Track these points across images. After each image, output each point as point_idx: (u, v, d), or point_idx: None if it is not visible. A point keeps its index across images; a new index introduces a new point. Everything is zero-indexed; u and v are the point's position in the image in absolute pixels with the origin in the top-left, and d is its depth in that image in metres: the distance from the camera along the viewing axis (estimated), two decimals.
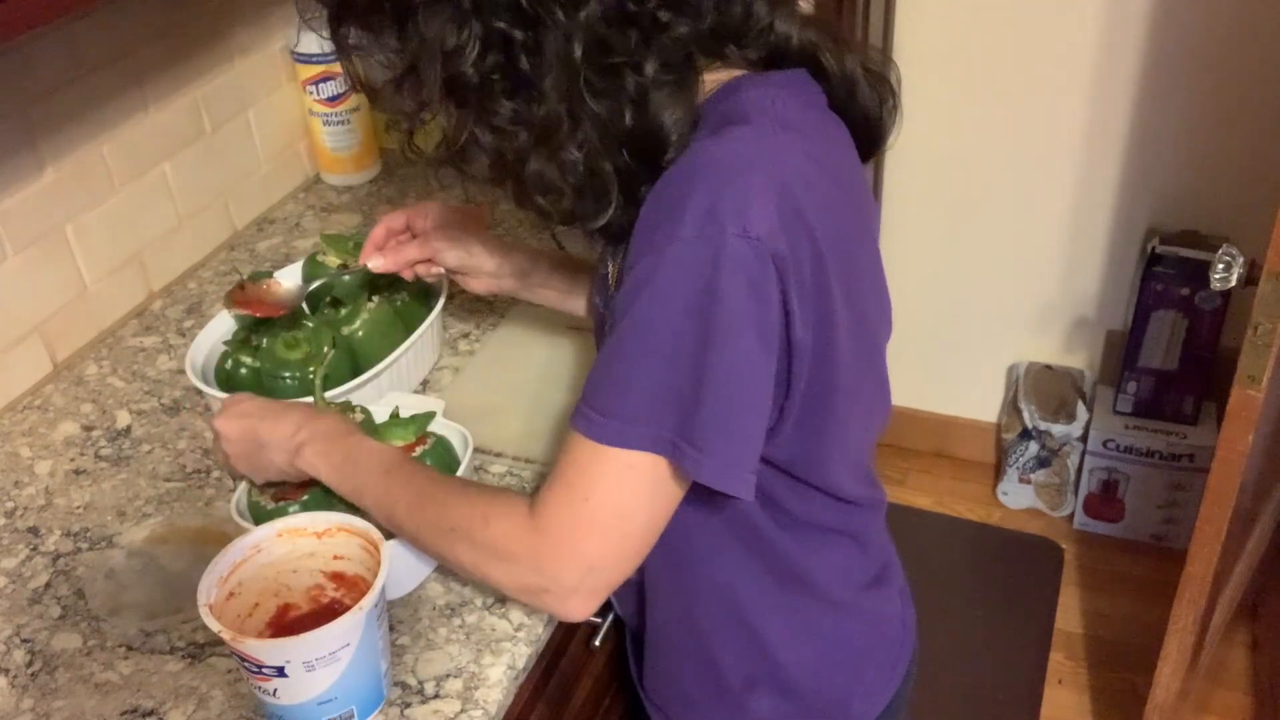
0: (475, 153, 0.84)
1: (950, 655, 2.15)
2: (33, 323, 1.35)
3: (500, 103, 0.80)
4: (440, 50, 0.79)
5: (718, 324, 0.77)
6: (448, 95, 0.81)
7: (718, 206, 0.77)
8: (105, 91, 1.38)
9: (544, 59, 0.78)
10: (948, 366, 2.52)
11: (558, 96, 0.79)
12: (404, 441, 1.09)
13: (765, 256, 0.77)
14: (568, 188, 0.83)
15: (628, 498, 0.81)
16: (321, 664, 0.87)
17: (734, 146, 0.81)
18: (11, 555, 1.13)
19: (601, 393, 0.81)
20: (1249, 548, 1.87)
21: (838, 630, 1.04)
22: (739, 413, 0.79)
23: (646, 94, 0.80)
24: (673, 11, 0.80)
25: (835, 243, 0.83)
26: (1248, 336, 1.32)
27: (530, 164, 0.82)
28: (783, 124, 0.83)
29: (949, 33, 2.14)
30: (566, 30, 0.77)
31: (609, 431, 0.79)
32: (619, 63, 0.79)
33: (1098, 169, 2.18)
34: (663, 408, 0.78)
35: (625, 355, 0.80)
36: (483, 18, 0.78)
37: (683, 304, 0.77)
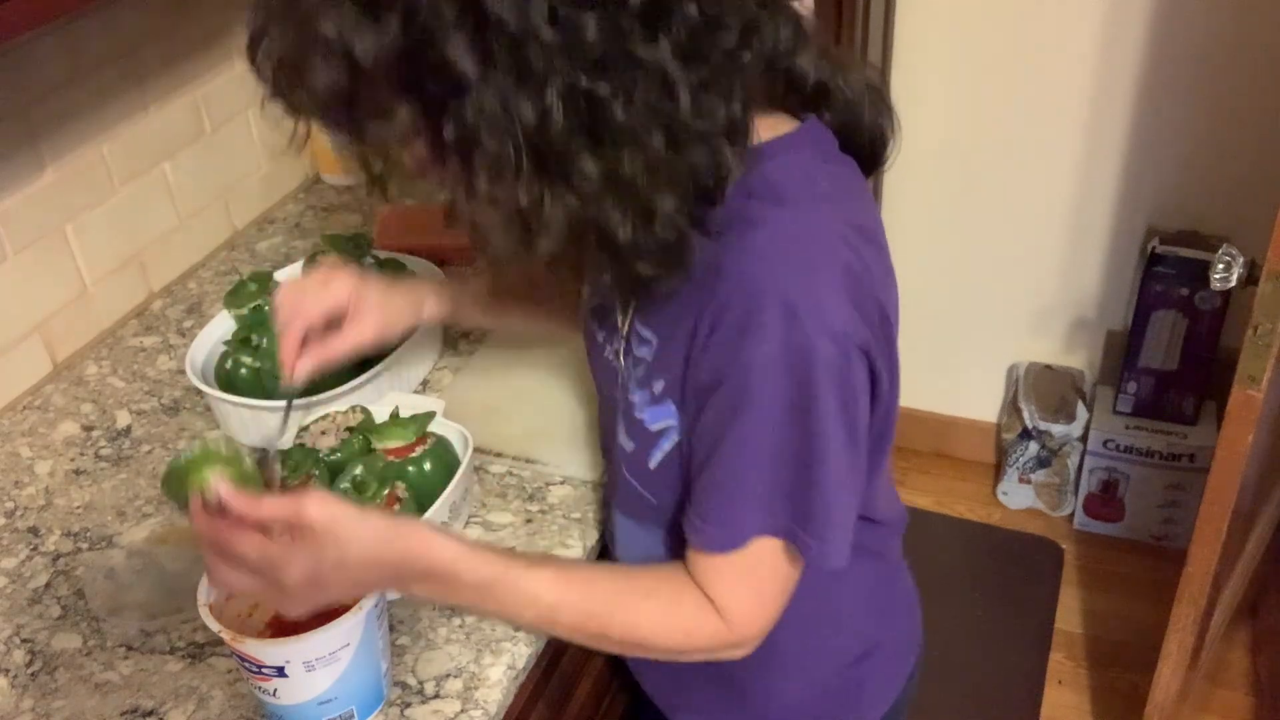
0: (555, 227, 0.74)
1: (950, 655, 2.15)
2: (33, 323, 1.35)
3: (587, 163, 0.71)
4: (514, 123, 0.69)
5: (817, 426, 0.79)
6: (523, 169, 0.71)
7: (795, 312, 0.77)
8: (105, 91, 1.38)
9: (636, 106, 0.71)
10: (948, 366, 2.52)
11: (653, 144, 0.72)
12: (404, 441, 1.09)
13: (850, 350, 0.79)
14: (655, 246, 0.76)
15: (785, 571, 0.87)
16: (322, 664, 0.87)
17: (788, 243, 0.80)
18: (11, 555, 1.13)
19: (718, 506, 0.84)
20: (1249, 548, 1.87)
21: (850, 639, 1.05)
22: (842, 501, 0.84)
23: (736, 130, 0.75)
24: (743, 39, 0.76)
25: (887, 297, 0.85)
26: (1248, 336, 1.32)
27: (617, 226, 0.74)
28: (819, 196, 0.83)
29: (949, 33, 2.13)
30: (659, 72, 0.71)
31: (731, 538, 0.84)
32: (715, 100, 0.74)
33: (1098, 169, 2.18)
34: (775, 504, 0.83)
35: (736, 472, 0.83)
36: (559, 78, 0.69)
37: (781, 414, 0.79)
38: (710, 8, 0.72)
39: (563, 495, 1.16)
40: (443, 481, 1.07)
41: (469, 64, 0.68)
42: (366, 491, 1.03)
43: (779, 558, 0.85)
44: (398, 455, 1.09)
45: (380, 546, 0.82)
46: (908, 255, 2.38)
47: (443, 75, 0.68)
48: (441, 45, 0.67)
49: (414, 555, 0.83)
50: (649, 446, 0.90)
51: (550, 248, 0.75)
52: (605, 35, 0.69)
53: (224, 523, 0.80)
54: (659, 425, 0.89)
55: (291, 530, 0.79)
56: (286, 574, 0.78)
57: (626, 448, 0.93)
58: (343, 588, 0.83)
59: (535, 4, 0.67)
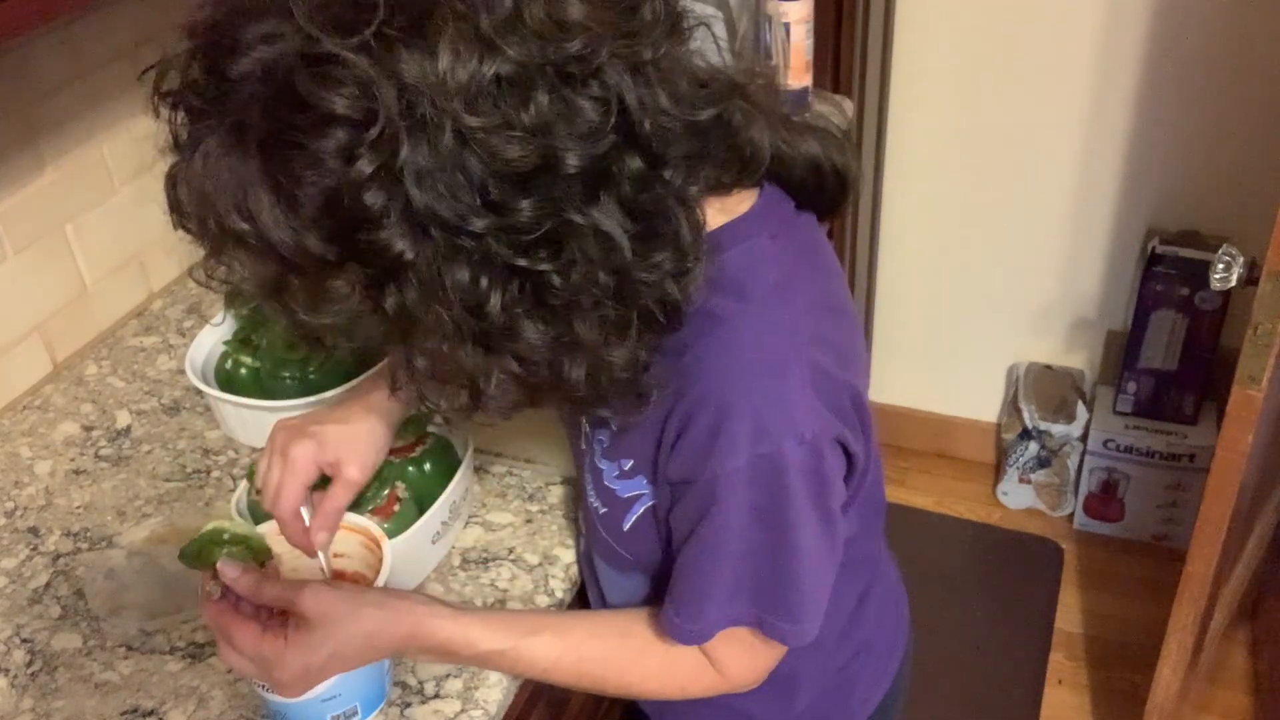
0: (504, 388, 0.73)
1: (950, 655, 2.15)
2: (33, 323, 1.35)
3: (532, 332, 0.69)
4: (453, 299, 0.66)
5: (787, 525, 0.81)
6: (464, 341, 0.69)
7: (763, 422, 0.77)
8: (105, 91, 1.38)
9: (577, 274, 0.68)
10: (948, 366, 2.52)
11: (603, 305, 0.70)
12: (404, 441, 1.09)
13: (821, 446, 0.79)
14: (610, 387, 0.75)
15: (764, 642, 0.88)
16: None
17: (751, 350, 0.79)
18: (11, 555, 1.13)
19: (687, 601, 0.85)
20: (1249, 548, 1.87)
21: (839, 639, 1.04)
22: (815, 582, 0.85)
23: (688, 265, 0.72)
24: (689, 169, 0.72)
25: (852, 365, 0.85)
26: (1248, 336, 1.32)
27: (572, 379, 0.73)
28: (779, 284, 0.82)
29: (949, 32, 2.13)
30: (601, 232, 0.67)
31: (698, 633, 0.86)
32: (659, 247, 0.71)
33: (1098, 169, 2.18)
34: (740, 598, 0.84)
35: (700, 570, 0.84)
36: (498, 259, 0.66)
37: (748, 519, 0.80)
38: (656, 147, 0.69)
39: (563, 495, 1.16)
40: (443, 481, 1.07)
41: (404, 245, 0.65)
42: (366, 491, 1.03)
43: (755, 636, 0.87)
44: (398, 455, 1.09)
45: (374, 638, 0.84)
46: (908, 255, 2.39)
47: (377, 255, 0.65)
48: (371, 230, 0.64)
49: (407, 637, 0.85)
50: (622, 512, 0.91)
51: (501, 409, 0.75)
52: (541, 211, 0.66)
53: (228, 614, 0.83)
54: (631, 494, 0.89)
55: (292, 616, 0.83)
56: (281, 670, 0.82)
57: (599, 509, 0.93)
58: (338, 671, 0.86)
59: (463, 193, 0.64)
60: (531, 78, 0.64)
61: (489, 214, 0.65)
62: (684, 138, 0.71)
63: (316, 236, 0.65)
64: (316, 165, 0.63)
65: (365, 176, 0.62)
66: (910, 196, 2.33)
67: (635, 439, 0.85)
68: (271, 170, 0.64)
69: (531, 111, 0.64)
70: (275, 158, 0.64)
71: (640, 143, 0.69)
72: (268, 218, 0.65)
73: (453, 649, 0.86)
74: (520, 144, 0.64)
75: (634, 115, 0.68)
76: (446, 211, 0.64)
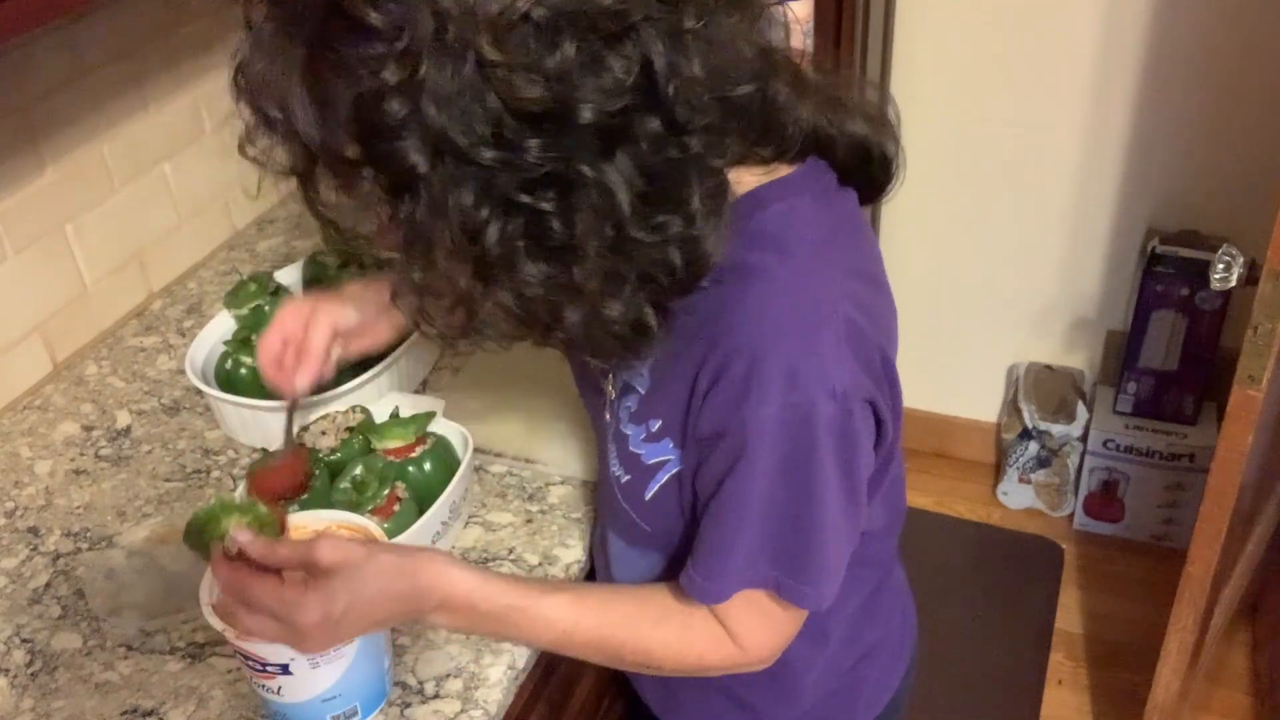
0: (498, 319, 0.74)
1: (950, 655, 2.15)
2: (33, 323, 1.35)
3: (528, 269, 0.71)
4: (456, 223, 0.69)
5: (813, 483, 0.80)
6: (464, 264, 0.71)
7: (796, 373, 0.77)
8: (105, 91, 1.38)
9: (578, 223, 0.69)
10: (948, 366, 2.52)
11: (599, 255, 0.71)
12: (404, 441, 1.09)
13: (852, 405, 0.79)
14: (611, 340, 0.76)
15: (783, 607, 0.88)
16: (326, 660, 0.87)
17: (788, 300, 0.79)
18: (11, 555, 1.13)
19: (708, 561, 0.85)
20: (1249, 548, 1.87)
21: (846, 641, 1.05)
22: (836, 548, 0.85)
23: (693, 236, 0.74)
24: (711, 139, 0.73)
25: (886, 335, 0.85)
26: (1248, 336, 1.32)
27: (565, 320, 0.74)
28: (819, 242, 0.83)
29: (949, 33, 2.13)
30: (604, 186, 0.69)
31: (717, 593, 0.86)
32: (666, 215, 0.72)
33: (1098, 169, 2.18)
34: (761, 559, 0.84)
35: (725, 526, 0.84)
36: (502, 191, 0.68)
37: (777, 473, 0.80)
38: (680, 114, 0.70)
39: (563, 495, 1.16)
40: (443, 481, 1.07)
41: (419, 159, 0.67)
42: (366, 491, 1.03)
43: (773, 600, 0.87)
44: (398, 455, 1.09)
45: (393, 583, 0.83)
46: (908, 255, 2.39)
47: (394, 165, 0.68)
48: (391, 139, 0.67)
49: (427, 588, 0.84)
50: (645, 479, 0.90)
51: (495, 337, 0.76)
52: (548, 155, 0.67)
53: (243, 570, 0.82)
54: (656, 460, 0.89)
55: (307, 574, 0.82)
56: (301, 618, 0.79)
57: (621, 478, 0.93)
58: (359, 625, 0.84)
59: (478, 122, 0.66)
60: (562, 25, 0.65)
61: (498, 148, 0.67)
62: (712, 109, 0.72)
63: (340, 137, 0.69)
64: (347, 72, 0.66)
65: (388, 87, 0.65)
66: (910, 196, 2.31)
67: (666, 396, 0.86)
68: (310, 69, 0.68)
69: (556, 57, 0.65)
70: (315, 59, 0.67)
71: (663, 107, 0.69)
72: (299, 112, 0.69)
73: (471, 602, 0.85)
74: (539, 86, 0.65)
75: (660, 79, 0.68)
76: (459, 137, 0.66)
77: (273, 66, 0.69)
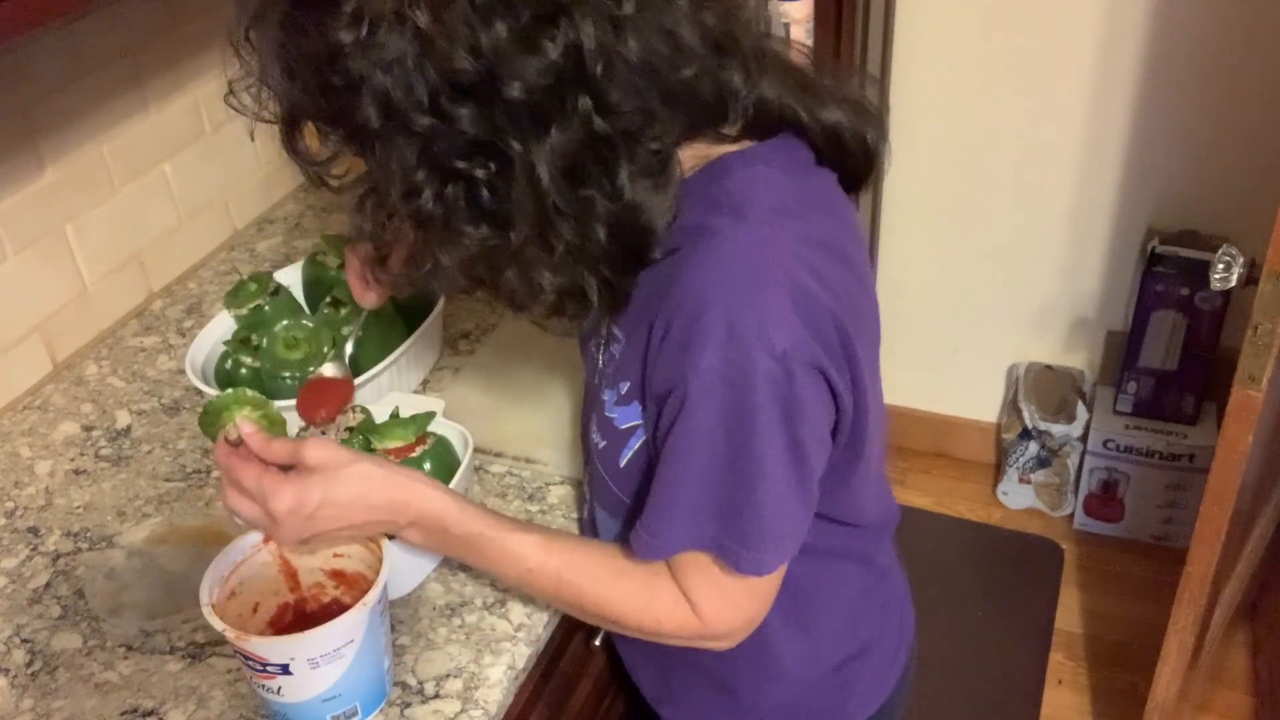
0: (444, 272, 0.80)
1: (950, 655, 2.15)
2: (33, 323, 1.35)
3: (466, 230, 0.76)
4: (399, 184, 0.75)
5: (752, 442, 0.80)
6: (409, 220, 0.78)
7: (736, 330, 0.78)
8: (105, 91, 1.38)
9: (509, 191, 0.74)
10: (948, 366, 2.52)
11: (526, 225, 0.76)
12: (404, 441, 1.09)
13: (794, 367, 0.78)
14: (545, 301, 0.81)
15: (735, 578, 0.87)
16: (326, 660, 0.87)
17: (737, 263, 0.80)
18: (11, 555, 1.13)
19: (654, 516, 0.86)
20: (1249, 548, 1.87)
21: (838, 640, 1.05)
22: (782, 513, 0.84)
23: (622, 208, 0.77)
24: (644, 121, 0.76)
25: (848, 310, 0.84)
26: (1248, 336, 1.32)
27: (504, 279, 0.80)
28: (777, 210, 0.83)
29: (949, 32, 2.14)
30: (529, 162, 0.73)
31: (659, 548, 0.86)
32: (590, 191, 0.76)
33: (1098, 169, 2.18)
34: (703, 517, 0.84)
35: (668, 482, 0.84)
36: (438, 156, 0.74)
37: (715, 429, 0.80)
38: (612, 96, 0.73)
39: (563, 495, 1.16)
40: (443, 481, 1.06)
41: (370, 115, 0.73)
42: None
43: (721, 568, 0.86)
44: (398, 455, 1.09)
45: (367, 490, 0.89)
46: (908, 256, 2.39)
47: (348, 120, 0.74)
48: (346, 96, 0.73)
49: (403, 502, 0.89)
50: (619, 445, 0.91)
51: (443, 288, 0.82)
52: (478, 127, 0.72)
53: (236, 454, 0.89)
54: (627, 425, 0.89)
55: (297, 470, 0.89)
56: (275, 504, 0.86)
57: (598, 444, 0.94)
58: (332, 525, 0.89)
59: (419, 89, 0.72)
60: (496, 3, 0.70)
61: (434, 115, 0.72)
62: (647, 91, 0.75)
63: (308, 95, 0.76)
64: (313, 30, 0.73)
65: (343, 47, 0.71)
66: (910, 196, 2.33)
67: (632, 357, 0.87)
68: (283, 26, 0.75)
69: (489, 34, 0.70)
70: (288, 17, 0.75)
71: (593, 88, 0.73)
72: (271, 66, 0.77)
73: (444, 523, 0.90)
74: (469, 60, 0.70)
75: (589, 61, 0.72)
76: (399, 101, 0.72)
77: (255, 25, 0.77)
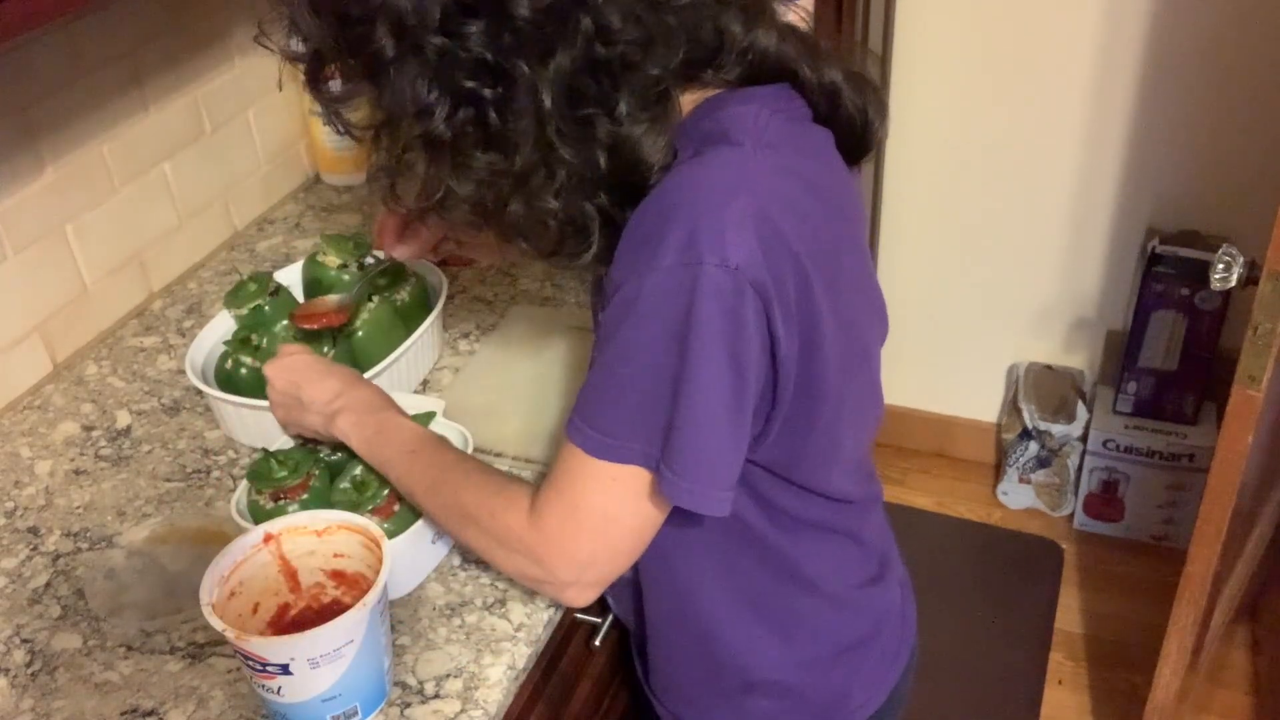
0: (454, 202, 0.83)
1: (950, 655, 2.15)
2: (33, 323, 1.35)
3: (474, 156, 0.80)
4: (412, 107, 0.79)
5: (692, 351, 0.79)
6: (423, 149, 0.81)
7: (696, 235, 0.78)
8: (105, 91, 1.38)
9: (514, 113, 0.78)
10: (948, 366, 2.52)
11: (531, 148, 0.79)
12: None
13: (744, 285, 0.78)
14: (548, 231, 0.84)
15: (613, 505, 0.86)
16: (326, 660, 0.87)
17: (714, 172, 0.82)
18: (11, 555, 1.13)
19: (591, 407, 0.85)
20: (1249, 548, 1.87)
21: (835, 624, 1.05)
22: (711, 437, 0.82)
23: (621, 136, 0.81)
24: (643, 50, 0.80)
25: (820, 258, 0.84)
26: (1248, 336, 1.32)
27: (510, 210, 0.83)
28: (764, 142, 0.84)
29: (949, 32, 2.14)
30: (533, 84, 0.77)
31: (595, 445, 0.84)
32: (591, 111, 0.79)
33: (1098, 169, 2.18)
34: (643, 427, 0.82)
35: (611, 376, 0.84)
36: (448, 77, 0.77)
37: (661, 330, 0.80)
38: (612, 22, 0.77)
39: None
40: None
41: (386, 44, 0.77)
42: (366, 491, 1.03)
43: (631, 485, 0.84)
44: None
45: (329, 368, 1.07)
46: (908, 256, 2.39)
47: (365, 49, 0.78)
48: (364, 24, 0.77)
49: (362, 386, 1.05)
50: None
51: (453, 219, 0.85)
52: (487, 47, 0.76)
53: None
54: None
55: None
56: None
57: None
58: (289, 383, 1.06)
59: (429, 11, 0.76)
60: None
61: (445, 35, 0.76)
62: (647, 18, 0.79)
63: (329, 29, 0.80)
64: None
65: None
66: (910, 196, 2.33)
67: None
68: None
69: None
70: None
71: (596, 12, 0.77)
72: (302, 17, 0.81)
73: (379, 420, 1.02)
74: None
75: None
76: (413, 20, 0.76)
77: None
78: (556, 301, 1.43)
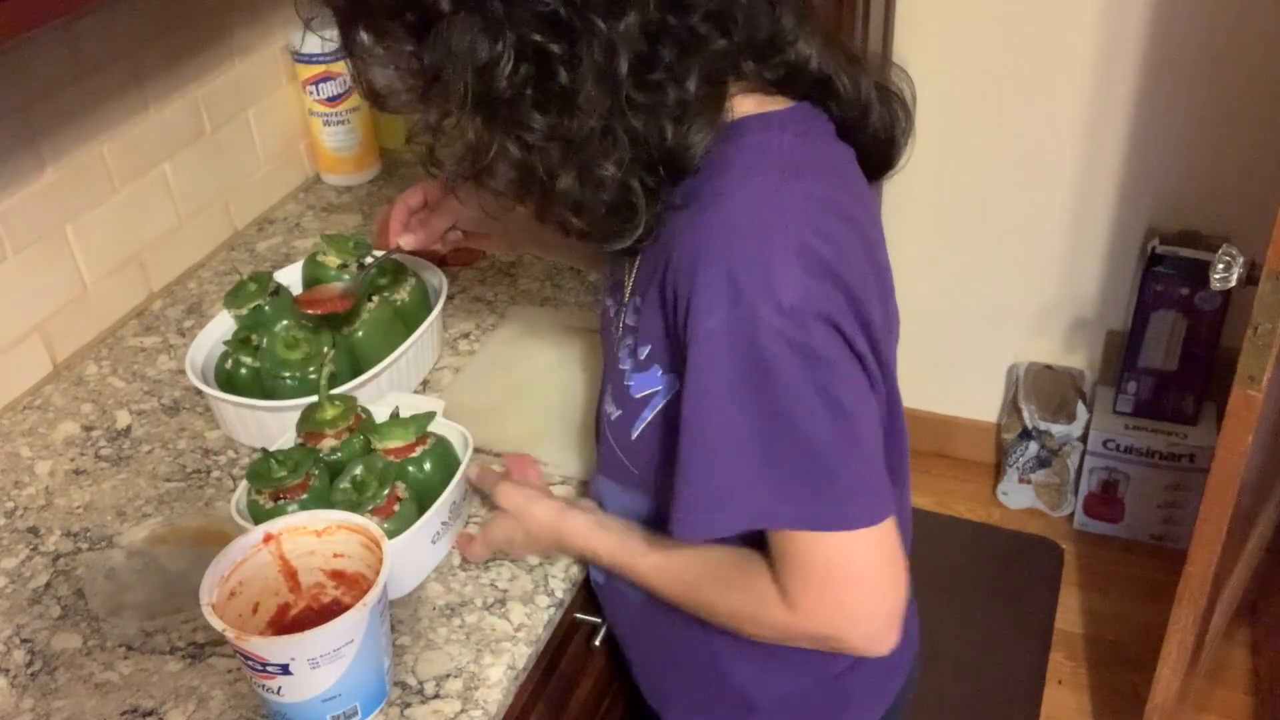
0: (501, 167, 0.79)
1: (950, 655, 2.15)
2: (33, 323, 1.35)
3: (533, 116, 0.76)
4: (470, 63, 0.74)
5: (779, 402, 0.77)
6: (475, 108, 0.77)
7: (739, 282, 0.76)
8: (105, 91, 1.38)
9: (582, 72, 0.74)
10: (948, 366, 2.52)
11: (596, 111, 0.75)
12: (404, 441, 1.09)
13: (806, 320, 0.77)
14: (599, 205, 0.80)
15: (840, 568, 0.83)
16: (326, 660, 0.87)
17: (744, 216, 0.80)
18: (11, 555, 1.13)
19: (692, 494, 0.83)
20: (1249, 548, 1.87)
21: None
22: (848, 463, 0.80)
23: (687, 110, 0.78)
24: (712, 24, 0.78)
25: (856, 277, 0.83)
26: (1248, 336, 1.32)
27: (560, 179, 0.79)
28: (788, 171, 0.82)
29: (949, 33, 2.14)
30: (607, 42, 0.73)
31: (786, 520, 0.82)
32: (662, 77, 0.76)
33: (1098, 169, 2.18)
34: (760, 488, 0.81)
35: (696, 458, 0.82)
36: (517, 29, 0.73)
37: (729, 392, 0.78)
38: None
39: (562, 495, 1.16)
40: (443, 481, 1.07)
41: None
42: (367, 491, 1.03)
43: (814, 546, 0.82)
44: (398, 455, 1.09)
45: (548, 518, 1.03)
46: (908, 256, 2.39)
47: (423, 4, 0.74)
48: None
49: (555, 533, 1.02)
50: (632, 416, 0.91)
51: (497, 187, 0.81)
52: (562, 1, 0.73)
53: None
54: (644, 393, 0.89)
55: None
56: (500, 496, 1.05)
57: (611, 415, 0.94)
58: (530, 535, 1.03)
59: None
60: None
61: None
62: None
63: None
64: None
65: None
66: (910, 196, 2.33)
67: (648, 319, 0.86)
68: None
69: None
70: None
71: None
72: None
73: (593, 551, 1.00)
74: None
75: None
76: None
77: None
78: (556, 301, 1.43)
